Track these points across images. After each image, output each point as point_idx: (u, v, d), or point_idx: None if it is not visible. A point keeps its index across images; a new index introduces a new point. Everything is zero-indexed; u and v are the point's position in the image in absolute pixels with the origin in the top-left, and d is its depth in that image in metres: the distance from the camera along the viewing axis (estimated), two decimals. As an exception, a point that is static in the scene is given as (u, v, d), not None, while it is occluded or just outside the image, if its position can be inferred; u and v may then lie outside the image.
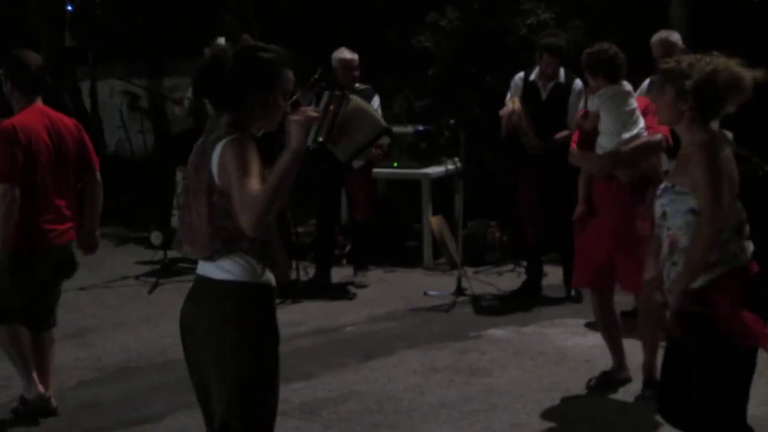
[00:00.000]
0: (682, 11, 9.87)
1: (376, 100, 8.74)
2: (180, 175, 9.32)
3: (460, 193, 8.91)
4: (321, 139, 8.03)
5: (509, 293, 8.59)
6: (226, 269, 3.71)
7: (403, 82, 11.14)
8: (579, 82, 8.10)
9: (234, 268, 3.71)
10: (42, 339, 5.89)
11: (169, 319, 8.09)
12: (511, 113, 8.08)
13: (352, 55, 8.77)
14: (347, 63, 8.72)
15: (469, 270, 8.89)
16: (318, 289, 8.60)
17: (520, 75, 8.39)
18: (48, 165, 5.58)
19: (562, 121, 8.13)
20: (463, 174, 8.88)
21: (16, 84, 5.67)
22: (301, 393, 6.23)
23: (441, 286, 8.82)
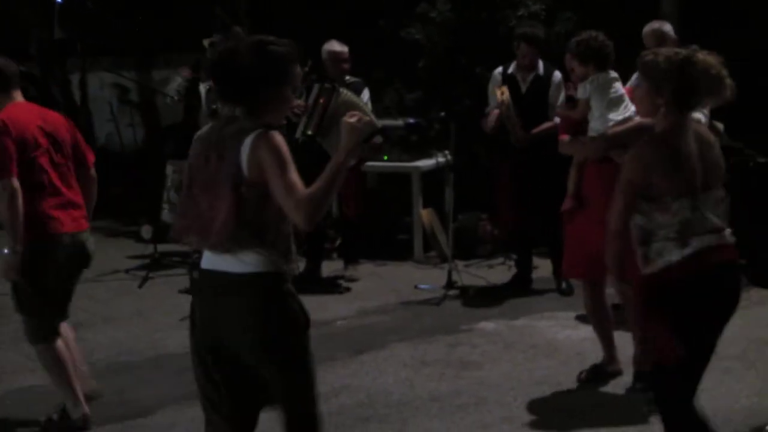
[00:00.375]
0: (673, 2, 9.86)
1: (365, 93, 8.71)
2: (170, 169, 9.25)
3: (451, 186, 8.89)
4: (310, 132, 8.01)
5: (500, 286, 8.59)
6: (248, 261, 3.73)
7: (393, 74, 11.12)
8: (558, 74, 8.12)
9: (257, 260, 3.73)
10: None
11: (159, 313, 8.11)
12: (500, 104, 8.08)
13: (341, 48, 8.73)
14: (337, 55, 8.69)
15: (459, 263, 8.88)
16: (309, 283, 8.56)
17: (499, 69, 8.42)
18: (45, 154, 5.50)
19: (543, 113, 8.15)
20: (454, 167, 8.86)
21: None
22: (291, 387, 6.21)
23: (432, 279, 8.82)
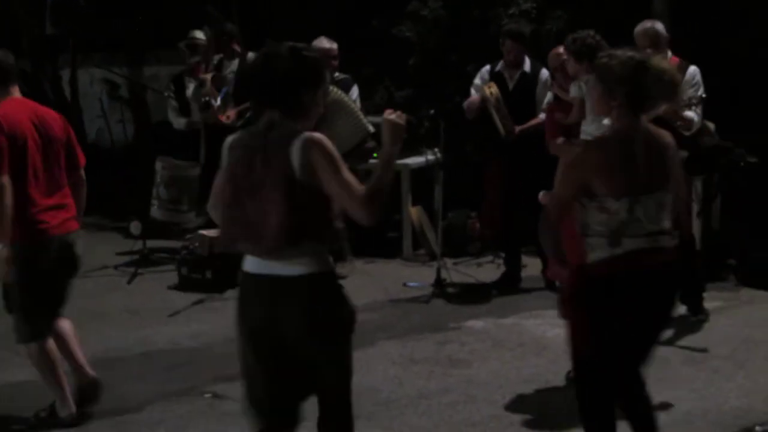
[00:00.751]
0: (664, 1, 9.85)
1: (354, 90, 8.71)
2: (159, 165, 9.25)
3: (440, 183, 8.90)
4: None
5: (489, 284, 8.60)
6: (303, 263, 3.84)
7: (383, 71, 11.11)
8: (545, 72, 8.15)
9: (311, 261, 3.85)
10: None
11: (148, 309, 8.10)
12: (488, 99, 8.10)
13: (330, 44, 8.73)
14: (326, 52, 8.65)
15: (448, 261, 8.89)
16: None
17: (487, 67, 8.48)
18: (37, 153, 5.45)
19: (531, 109, 8.18)
20: (444, 164, 8.87)
21: None
22: (280, 384, 6.20)
23: (420, 277, 8.82)
